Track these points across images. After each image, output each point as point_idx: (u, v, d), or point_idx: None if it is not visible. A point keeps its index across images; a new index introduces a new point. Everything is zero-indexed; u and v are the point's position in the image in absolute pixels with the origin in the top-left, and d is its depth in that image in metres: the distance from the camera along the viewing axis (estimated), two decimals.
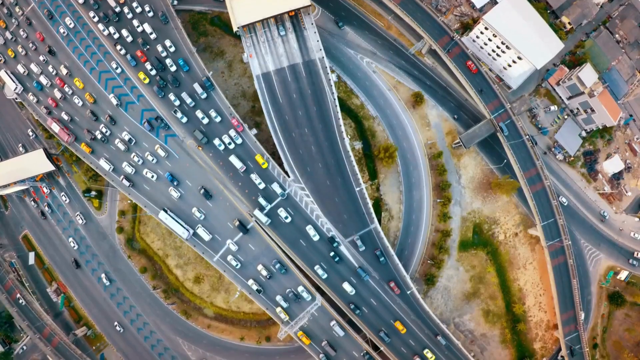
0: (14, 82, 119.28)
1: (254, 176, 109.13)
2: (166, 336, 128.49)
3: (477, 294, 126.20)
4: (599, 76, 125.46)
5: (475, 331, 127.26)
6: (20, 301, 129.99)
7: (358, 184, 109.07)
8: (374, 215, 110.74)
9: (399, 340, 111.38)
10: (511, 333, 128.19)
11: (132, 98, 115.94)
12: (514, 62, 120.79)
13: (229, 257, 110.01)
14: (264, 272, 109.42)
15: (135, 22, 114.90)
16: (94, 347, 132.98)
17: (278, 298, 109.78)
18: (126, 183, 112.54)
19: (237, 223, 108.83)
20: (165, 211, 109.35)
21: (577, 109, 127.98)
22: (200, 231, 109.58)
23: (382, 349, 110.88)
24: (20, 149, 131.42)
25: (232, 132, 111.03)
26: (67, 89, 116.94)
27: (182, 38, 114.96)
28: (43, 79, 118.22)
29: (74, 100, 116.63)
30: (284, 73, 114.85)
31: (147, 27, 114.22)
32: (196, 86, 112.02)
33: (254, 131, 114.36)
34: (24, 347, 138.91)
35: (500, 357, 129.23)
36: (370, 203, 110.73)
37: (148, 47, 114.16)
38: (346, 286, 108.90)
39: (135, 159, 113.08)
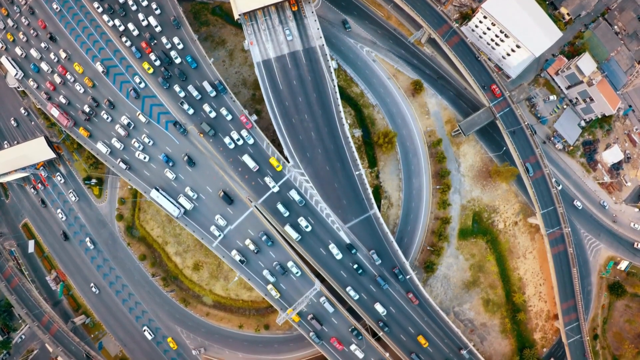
0: (14, 67, 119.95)
1: (268, 179, 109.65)
2: (164, 324, 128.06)
3: (477, 282, 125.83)
4: (597, 66, 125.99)
5: (475, 320, 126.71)
6: (21, 287, 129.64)
7: (357, 168, 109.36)
8: (373, 201, 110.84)
9: (398, 328, 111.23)
10: (511, 323, 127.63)
11: (134, 84, 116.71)
12: (512, 50, 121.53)
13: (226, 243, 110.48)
14: (252, 246, 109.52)
15: (140, 16, 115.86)
16: (92, 336, 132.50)
17: (265, 272, 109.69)
18: (123, 166, 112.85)
19: (222, 194, 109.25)
20: (157, 189, 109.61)
21: (576, 98, 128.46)
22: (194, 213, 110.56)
23: (380, 335, 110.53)
24: (5, 145, 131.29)
25: (243, 133, 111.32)
26: (68, 76, 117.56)
27: (192, 42, 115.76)
28: (44, 65, 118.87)
29: (76, 88, 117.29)
30: (285, 60, 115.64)
31: (153, 21, 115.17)
32: (205, 84, 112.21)
33: (254, 117, 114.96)
34: (23, 336, 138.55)
35: (500, 347, 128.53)
36: (369, 189, 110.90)
37: (155, 41, 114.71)
38: (344, 272, 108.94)
39: (136, 144, 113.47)
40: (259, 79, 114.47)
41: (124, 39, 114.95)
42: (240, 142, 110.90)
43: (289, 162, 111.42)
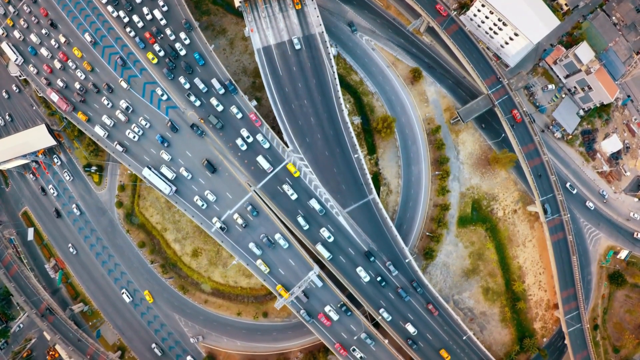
0: (15, 53, 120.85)
1: (286, 187, 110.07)
2: (163, 312, 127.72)
3: (477, 270, 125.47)
4: (595, 55, 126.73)
5: (474, 309, 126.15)
6: (19, 275, 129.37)
7: (355, 151, 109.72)
8: (372, 186, 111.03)
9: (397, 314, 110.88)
10: (511, 312, 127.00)
11: (135, 72, 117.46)
12: (510, 39, 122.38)
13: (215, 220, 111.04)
14: (240, 221, 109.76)
15: (145, 10, 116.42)
16: (90, 324, 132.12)
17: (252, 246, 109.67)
18: (120, 149, 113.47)
19: (205, 162, 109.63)
20: (149, 168, 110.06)
21: (575, 87, 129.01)
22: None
23: (378, 320, 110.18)
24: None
25: (259, 137, 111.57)
26: (70, 64, 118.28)
27: (199, 38, 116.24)
28: (44, 51, 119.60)
29: (74, 71, 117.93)
30: (285, 47, 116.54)
31: (158, 14, 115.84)
32: (214, 82, 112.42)
33: (254, 103, 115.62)
34: (21, 325, 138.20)
35: (500, 336, 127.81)
36: (368, 174, 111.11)
37: (162, 35, 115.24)
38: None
39: (136, 129, 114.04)
40: (259, 65, 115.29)
41: (128, 29, 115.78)
42: (249, 139, 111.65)
43: (288, 147, 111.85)
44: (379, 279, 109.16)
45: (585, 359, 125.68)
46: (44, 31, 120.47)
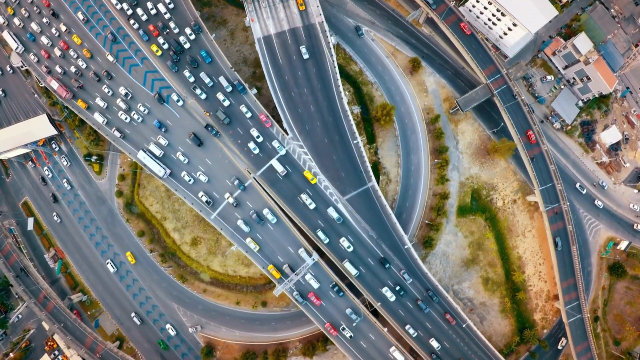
0: (15, 41, 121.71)
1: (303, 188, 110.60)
2: (162, 302, 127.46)
3: (476, 260, 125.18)
4: (594, 46, 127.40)
5: (474, 299, 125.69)
6: (19, 264, 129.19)
7: (354, 137, 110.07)
8: (371, 173, 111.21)
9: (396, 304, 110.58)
10: (511, 302, 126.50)
11: (136, 60, 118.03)
12: (509, 29, 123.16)
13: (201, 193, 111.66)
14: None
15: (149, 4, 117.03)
16: (88, 313, 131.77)
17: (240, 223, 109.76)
18: (117, 134, 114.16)
19: (192, 135, 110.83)
20: (144, 151, 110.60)
21: (574, 78, 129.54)
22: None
23: (376, 307, 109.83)
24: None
25: (276, 143, 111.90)
26: (71, 52, 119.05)
27: (207, 40, 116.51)
28: (44, 39, 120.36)
29: (79, 63, 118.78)
30: (285, 36, 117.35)
31: (162, 8, 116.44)
32: (222, 79, 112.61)
33: (254, 91, 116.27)
34: (20, 316, 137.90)
35: (500, 327, 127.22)
36: (368, 161, 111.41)
37: (168, 30, 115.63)
38: (344, 242, 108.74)
39: (136, 116, 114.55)
40: (259, 54, 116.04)
41: (131, 21, 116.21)
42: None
43: (287, 134, 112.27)
44: (397, 288, 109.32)
45: (586, 350, 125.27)
46: (45, 20, 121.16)
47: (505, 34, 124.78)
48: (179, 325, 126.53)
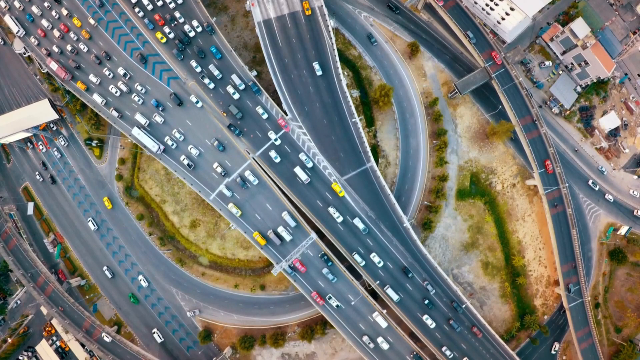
0: (17, 25, 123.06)
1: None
2: (160, 286, 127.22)
3: (476, 244, 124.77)
4: (591, 30, 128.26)
5: (474, 283, 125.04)
6: (18, 248, 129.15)
7: (352, 116, 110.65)
8: (370, 154, 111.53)
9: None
10: (511, 287, 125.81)
11: (138, 44, 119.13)
12: (506, 14, 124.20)
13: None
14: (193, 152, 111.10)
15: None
16: (86, 297, 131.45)
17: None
18: (115, 114, 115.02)
19: (172, 95, 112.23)
20: (138, 127, 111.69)
21: (572, 63, 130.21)
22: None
23: (377, 290, 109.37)
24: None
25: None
26: (71, 35, 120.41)
27: (219, 40, 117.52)
28: (44, 22, 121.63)
29: (81, 47, 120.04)
30: (285, 20, 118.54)
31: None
32: (234, 77, 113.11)
33: (254, 72, 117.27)
34: (18, 302, 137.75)
35: (501, 312, 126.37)
36: (366, 142, 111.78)
37: (176, 22, 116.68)
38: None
39: (136, 98, 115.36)
40: (259, 38, 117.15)
41: (137, 9, 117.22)
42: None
43: (287, 115, 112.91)
44: (426, 302, 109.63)
45: (587, 336, 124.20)
46: (46, 4, 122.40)
47: (503, 18, 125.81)
48: (177, 309, 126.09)
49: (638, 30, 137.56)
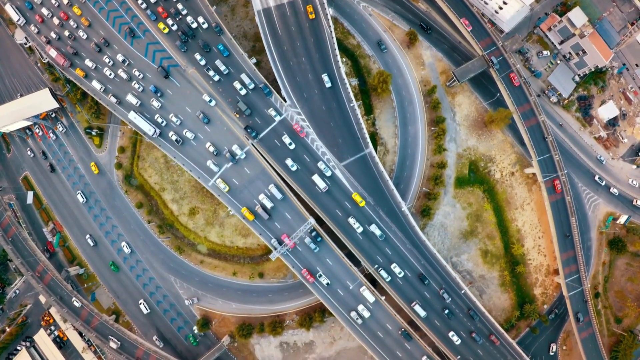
0: (17, 14, 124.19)
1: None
2: (158, 274, 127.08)
3: (475, 232, 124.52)
4: (588, 19, 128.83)
5: (473, 272, 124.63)
6: (17, 237, 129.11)
7: (350, 101, 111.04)
8: (368, 140, 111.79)
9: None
10: (510, 276, 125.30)
11: (138, 33, 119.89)
12: (504, 2, 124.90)
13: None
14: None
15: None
16: (85, 286, 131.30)
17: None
18: (113, 100, 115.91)
19: (159, 69, 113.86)
20: (134, 112, 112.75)
21: (569, 53, 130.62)
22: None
23: (372, 272, 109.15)
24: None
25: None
26: (71, 22, 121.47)
27: (228, 42, 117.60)
28: (44, 10, 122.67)
29: (81, 34, 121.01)
30: (284, 9, 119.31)
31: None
32: (243, 77, 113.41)
33: (254, 60, 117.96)
34: (17, 291, 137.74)
35: (500, 301, 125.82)
36: (365, 128, 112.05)
37: (180, 16, 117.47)
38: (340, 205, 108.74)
39: (136, 85, 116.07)
40: (259, 26, 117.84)
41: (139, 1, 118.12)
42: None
43: (286, 101, 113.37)
44: (446, 312, 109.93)
45: (587, 325, 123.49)
46: None
47: (501, 8, 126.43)
48: (175, 298, 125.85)
49: (636, 21, 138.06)
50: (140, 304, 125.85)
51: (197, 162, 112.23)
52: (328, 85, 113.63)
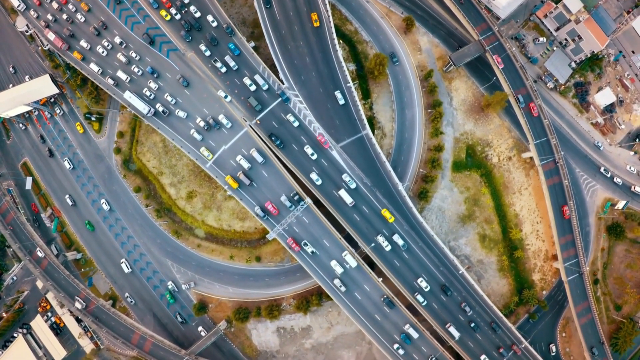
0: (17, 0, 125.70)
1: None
2: (156, 258, 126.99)
3: (473, 216, 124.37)
4: (584, 5, 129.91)
5: (471, 256, 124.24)
6: (15, 221, 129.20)
7: (346, 81, 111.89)
8: (366, 122, 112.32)
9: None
10: (509, 261, 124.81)
11: (139, 18, 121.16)
12: None
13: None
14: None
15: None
16: (82, 271, 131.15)
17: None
18: (111, 81, 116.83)
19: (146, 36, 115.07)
20: (130, 92, 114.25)
21: (566, 39, 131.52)
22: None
23: (375, 261, 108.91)
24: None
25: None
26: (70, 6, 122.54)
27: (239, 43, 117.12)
28: None
29: (77, 16, 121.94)
30: None
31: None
32: (257, 77, 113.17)
33: (252, 44, 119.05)
34: (14, 278, 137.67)
35: (499, 286, 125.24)
36: (362, 110, 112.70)
37: (185, 9, 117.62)
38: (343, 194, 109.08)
39: (135, 69, 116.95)
40: (257, 10, 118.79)
41: None
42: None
43: (283, 84, 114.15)
44: (472, 325, 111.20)
45: (586, 311, 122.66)
46: None
47: None
48: (173, 282, 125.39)
49: (632, 9, 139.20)
50: None
51: (181, 132, 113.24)
52: (325, 67, 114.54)
